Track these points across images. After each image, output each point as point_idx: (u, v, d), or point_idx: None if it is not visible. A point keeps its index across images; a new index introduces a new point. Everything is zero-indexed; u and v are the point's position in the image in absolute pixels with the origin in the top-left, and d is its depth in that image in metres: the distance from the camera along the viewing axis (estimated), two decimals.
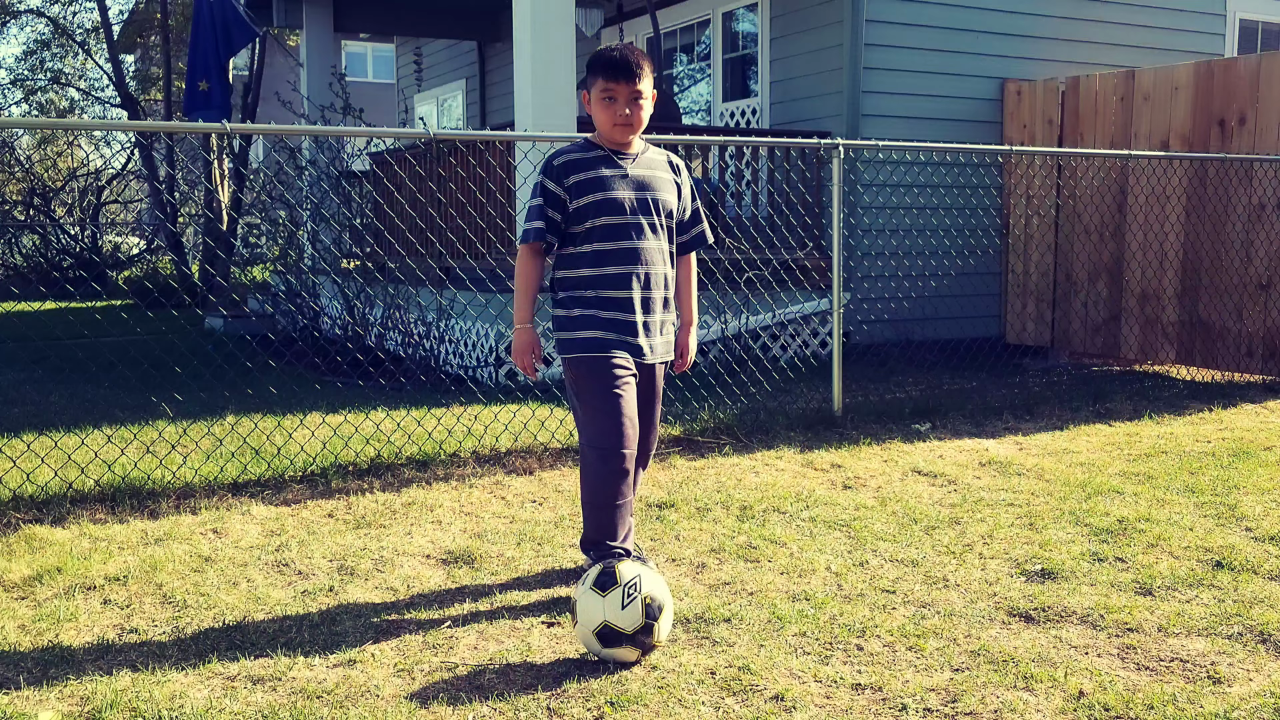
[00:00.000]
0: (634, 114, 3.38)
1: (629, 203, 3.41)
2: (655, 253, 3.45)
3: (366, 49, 30.18)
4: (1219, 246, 7.73)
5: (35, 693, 2.77)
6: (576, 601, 2.95)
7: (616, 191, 3.40)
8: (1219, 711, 2.65)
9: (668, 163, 3.56)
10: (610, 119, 3.38)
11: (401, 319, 8.29)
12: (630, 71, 3.34)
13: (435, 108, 15.94)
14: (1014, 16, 9.07)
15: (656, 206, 3.46)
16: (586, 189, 3.40)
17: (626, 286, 3.40)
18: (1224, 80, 7.60)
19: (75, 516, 4.29)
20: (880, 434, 5.86)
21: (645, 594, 2.91)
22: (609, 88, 3.36)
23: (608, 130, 3.41)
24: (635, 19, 11.25)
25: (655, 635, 2.91)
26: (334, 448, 5.22)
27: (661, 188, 3.48)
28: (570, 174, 3.40)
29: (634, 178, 3.44)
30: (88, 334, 10.23)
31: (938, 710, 2.67)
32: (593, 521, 3.38)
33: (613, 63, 3.35)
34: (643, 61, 3.37)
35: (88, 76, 23.00)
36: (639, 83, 3.36)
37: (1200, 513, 4.40)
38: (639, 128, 3.43)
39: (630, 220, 3.41)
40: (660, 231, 3.47)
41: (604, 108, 3.38)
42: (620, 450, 3.29)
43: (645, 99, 3.40)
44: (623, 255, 3.40)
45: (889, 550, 3.93)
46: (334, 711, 2.65)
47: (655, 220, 3.45)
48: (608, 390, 3.33)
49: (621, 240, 3.40)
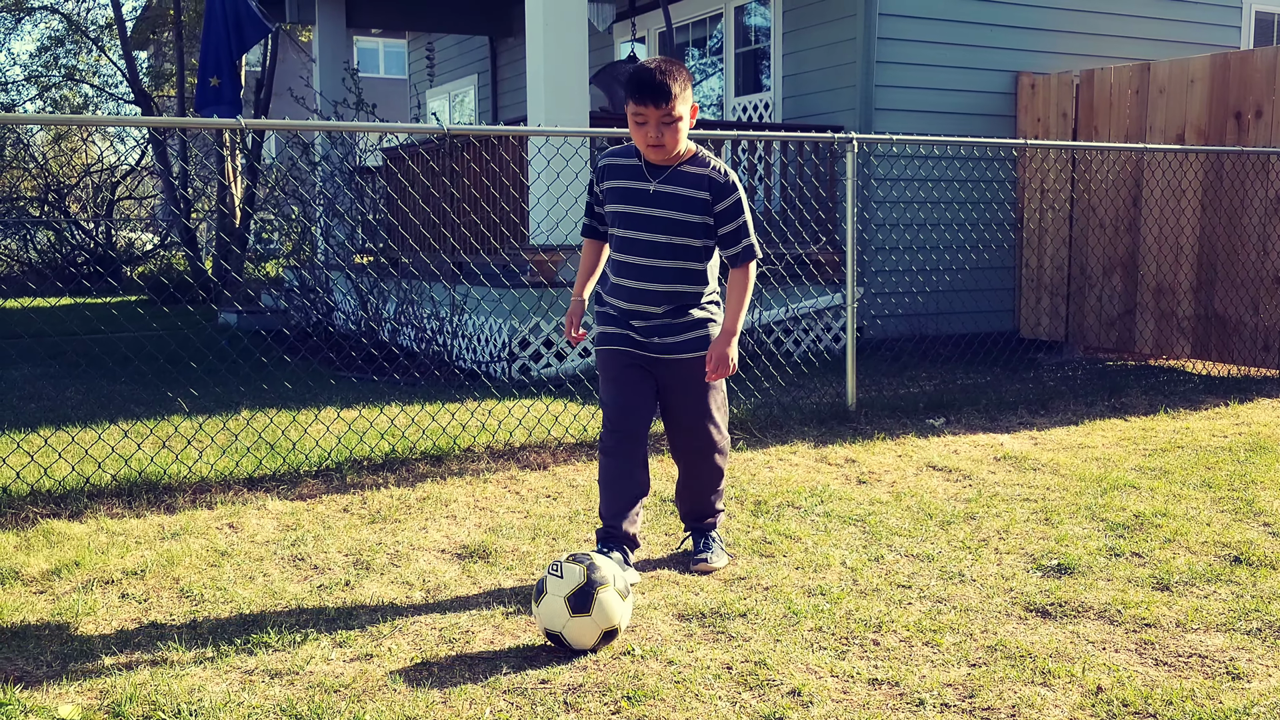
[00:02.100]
0: (665, 137, 3.30)
1: (643, 219, 3.44)
2: (664, 270, 3.45)
3: (379, 44, 30.22)
4: (1235, 240, 7.69)
5: (54, 686, 2.78)
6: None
7: (635, 207, 3.45)
8: (1238, 707, 2.64)
9: (703, 178, 3.41)
10: (642, 141, 3.35)
11: (415, 314, 8.31)
12: (658, 95, 3.24)
13: (447, 103, 15.95)
14: (1027, 9, 9.02)
15: (673, 227, 3.42)
16: (613, 197, 3.50)
17: (628, 299, 3.52)
18: (1240, 73, 7.55)
19: (92, 511, 4.31)
20: (894, 429, 5.84)
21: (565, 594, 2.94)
22: (639, 111, 3.29)
23: (642, 149, 3.40)
24: (647, 13, 11.23)
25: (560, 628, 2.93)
26: (349, 443, 5.23)
27: (685, 208, 3.41)
28: (606, 178, 3.52)
29: (658, 194, 3.42)
30: (103, 329, 10.28)
31: (954, 705, 2.67)
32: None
33: (641, 85, 3.25)
34: (675, 83, 3.25)
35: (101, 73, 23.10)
36: (672, 106, 3.26)
37: (1217, 508, 4.38)
38: (672, 149, 3.35)
39: (640, 237, 3.45)
40: (675, 250, 3.43)
41: (636, 130, 3.35)
42: (611, 431, 3.51)
43: (681, 120, 3.30)
44: (629, 269, 3.49)
45: (904, 545, 3.92)
46: (351, 705, 2.66)
47: (670, 240, 3.43)
48: (607, 379, 3.56)
49: (631, 254, 3.48)
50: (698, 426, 3.57)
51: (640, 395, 3.51)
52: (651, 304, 3.49)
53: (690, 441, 3.61)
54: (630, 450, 3.50)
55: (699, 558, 3.67)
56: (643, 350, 3.52)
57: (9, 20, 21.92)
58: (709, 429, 3.58)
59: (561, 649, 2.97)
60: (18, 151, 19.89)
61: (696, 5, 10.67)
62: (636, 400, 3.50)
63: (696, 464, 3.65)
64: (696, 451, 3.62)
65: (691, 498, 3.73)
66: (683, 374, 3.53)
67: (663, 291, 3.48)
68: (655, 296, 3.49)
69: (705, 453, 3.62)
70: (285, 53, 20.00)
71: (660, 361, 3.53)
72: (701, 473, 3.66)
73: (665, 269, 3.46)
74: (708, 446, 3.61)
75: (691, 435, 3.59)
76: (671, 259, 3.45)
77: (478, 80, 14.76)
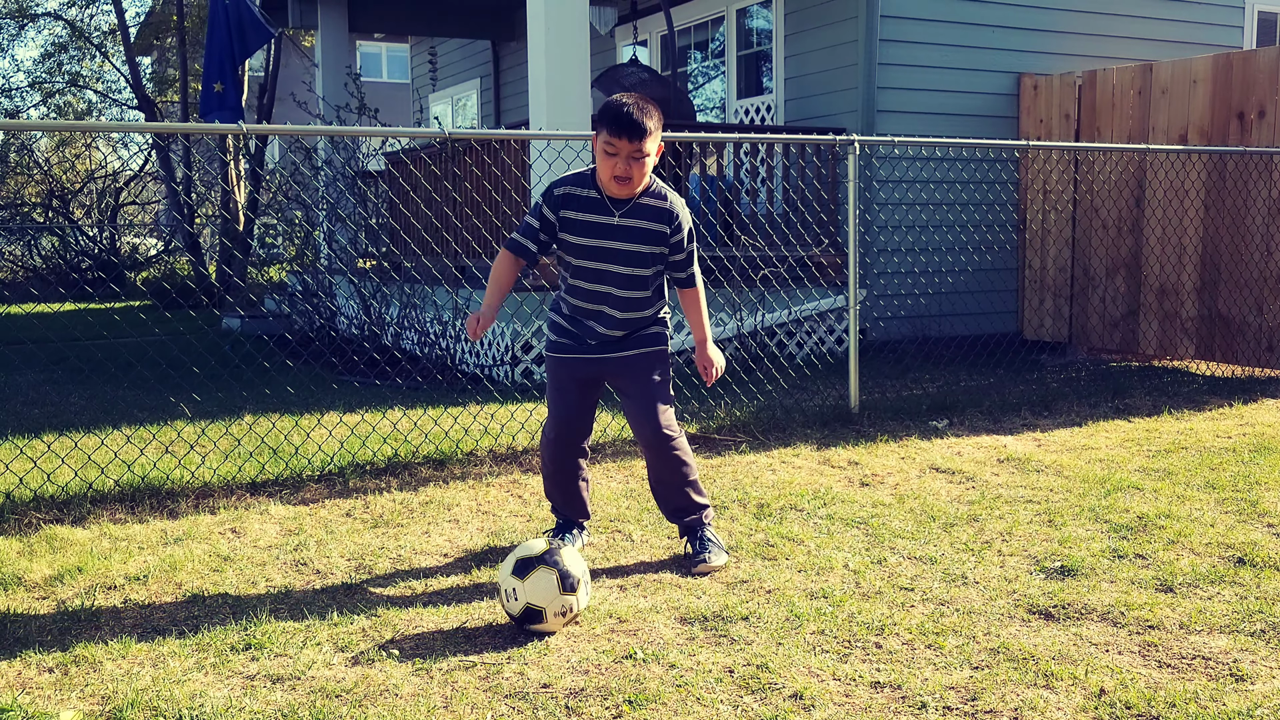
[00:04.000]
0: (632, 171, 3.41)
1: (608, 252, 3.56)
2: (621, 299, 3.62)
3: (381, 49, 30.26)
4: (1238, 240, 7.68)
5: (57, 692, 2.79)
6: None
7: (599, 240, 3.55)
8: (1241, 709, 2.63)
9: (663, 211, 3.56)
10: (609, 171, 3.43)
11: (417, 318, 8.31)
12: (634, 130, 3.34)
13: (450, 107, 15.97)
14: (1030, 10, 9.02)
15: (634, 259, 3.56)
16: (573, 228, 3.57)
17: (586, 319, 3.65)
18: (1243, 73, 7.54)
19: (95, 516, 4.32)
20: (897, 431, 5.84)
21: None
22: (612, 142, 3.38)
23: (605, 180, 3.48)
24: (649, 16, 11.24)
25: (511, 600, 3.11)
26: (351, 447, 5.23)
27: (644, 240, 3.56)
28: (565, 207, 3.56)
29: (622, 227, 3.55)
30: (106, 335, 10.29)
31: (957, 708, 2.66)
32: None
33: (618, 119, 3.34)
34: (649, 121, 3.36)
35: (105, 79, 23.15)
36: (644, 143, 3.37)
37: (1221, 509, 4.37)
38: (637, 185, 3.47)
39: (606, 269, 3.58)
40: (637, 280, 3.60)
41: (605, 159, 3.43)
42: (554, 440, 3.77)
43: (648, 157, 3.42)
44: (590, 295, 3.64)
45: (907, 548, 3.92)
46: (353, 711, 2.66)
47: (634, 271, 3.58)
48: (556, 389, 3.76)
49: (592, 282, 3.61)
50: (649, 411, 3.66)
51: (583, 409, 3.76)
52: (615, 329, 3.65)
53: (645, 427, 3.66)
54: (569, 454, 3.80)
55: (698, 559, 3.68)
56: (594, 354, 3.67)
57: (13, 26, 21.98)
58: (658, 413, 3.66)
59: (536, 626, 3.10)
60: (22, 157, 19.93)
61: (698, 8, 10.68)
62: (580, 413, 3.76)
63: (660, 451, 3.68)
64: (654, 433, 3.65)
65: (665, 490, 3.79)
66: (633, 368, 3.68)
67: (626, 319, 3.65)
68: (618, 323, 3.65)
69: (663, 438, 3.66)
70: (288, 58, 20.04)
71: (609, 361, 3.68)
72: (667, 459, 3.70)
73: (629, 298, 3.62)
74: (664, 432, 3.66)
75: (645, 421, 3.66)
76: (634, 290, 3.62)
77: (480, 84, 14.77)
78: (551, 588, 3.09)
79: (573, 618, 3.17)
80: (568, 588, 3.11)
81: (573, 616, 3.16)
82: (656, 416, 3.66)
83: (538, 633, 3.12)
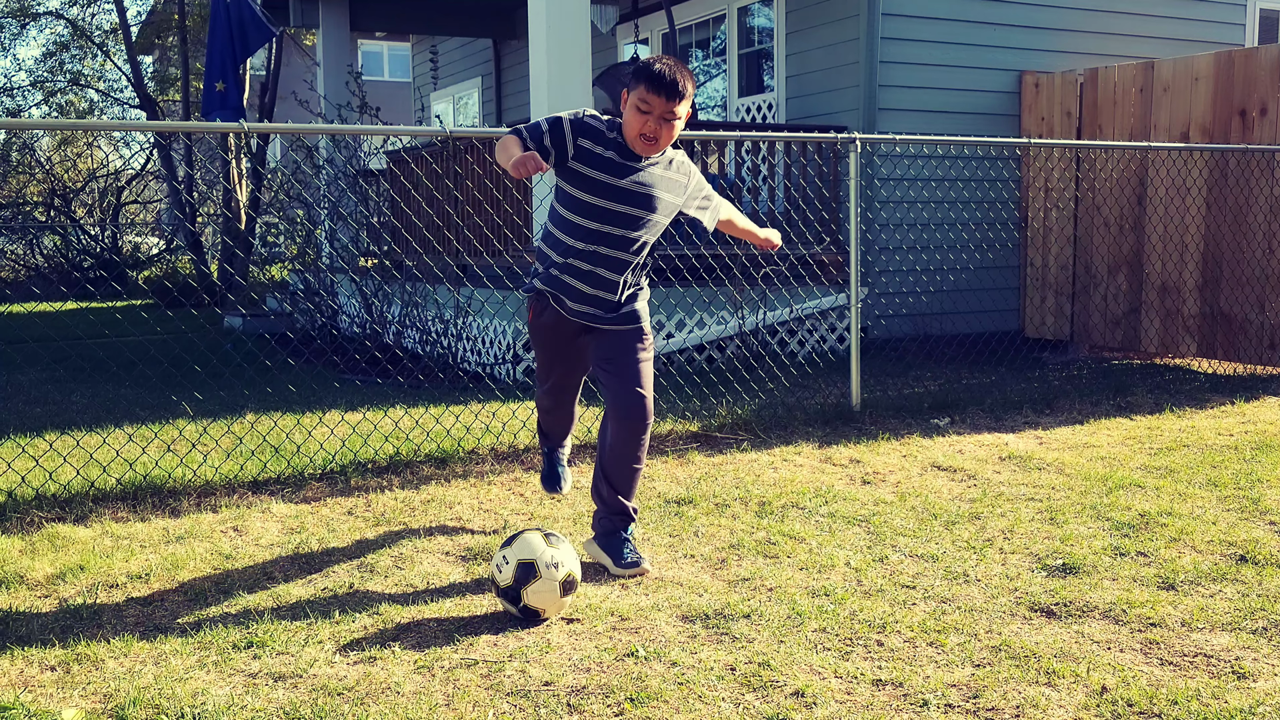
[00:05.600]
0: (661, 131, 3.40)
1: (617, 192, 3.47)
2: (620, 259, 3.55)
3: (382, 48, 30.26)
4: (1240, 238, 7.67)
5: (59, 690, 2.79)
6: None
7: (612, 178, 3.47)
8: (1243, 707, 2.63)
9: (680, 163, 3.61)
10: (638, 128, 3.39)
11: (419, 317, 8.31)
12: (671, 90, 3.35)
13: (451, 106, 15.97)
14: (1031, 8, 9.01)
15: (646, 205, 3.51)
16: (589, 160, 3.46)
17: (587, 285, 3.56)
18: (1245, 70, 7.54)
19: (97, 515, 4.32)
20: (899, 429, 5.84)
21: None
22: (647, 99, 3.36)
23: (632, 138, 3.43)
24: (650, 15, 11.23)
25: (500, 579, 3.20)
26: (353, 445, 5.23)
27: (663, 189, 3.54)
28: (587, 137, 3.46)
29: (637, 173, 3.49)
30: (108, 333, 10.30)
31: (959, 706, 2.66)
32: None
33: (659, 78, 3.34)
34: (688, 86, 3.39)
35: (106, 78, 23.13)
36: (677, 105, 3.38)
37: (1223, 506, 4.36)
38: (663, 147, 3.46)
39: (611, 207, 3.48)
40: (633, 243, 3.54)
41: (636, 115, 3.39)
42: (549, 409, 4.00)
43: (678, 120, 3.42)
44: (590, 236, 3.51)
45: (909, 545, 3.92)
46: (355, 709, 2.66)
47: (635, 232, 3.52)
48: (545, 358, 3.82)
49: (600, 223, 3.49)
50: (639, 386, 3.58)
51: (573, 376, 3.87)
52: (609, 291, 3.58)
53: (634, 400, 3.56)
54: (564, 414, 4.03)
55: (631, 563, 3.62)
56: (579, 320, 3.64)
57: (15, 26, 21.98)
58: (639, 392, 3.58)
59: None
60: (24, 156, 19.94)
61: (699, 7, 10.67)
62: (570, 381, 3.89)
63: (637, 429, 3.58)
64: (642, 410, 3.57)
65: (620, 471, 3.63)
66: (616, 342, 3.63)
67: (620, 281, 3.58)
68: (614, 286, 3.58)
69: (648, 417, 3.58)
70: (289, 57, 20.04)
71: (593, 330, 3.65)
72: (639, 441, 3.60)
73: (628, 262, 3.57)
74: (649, 412, 3.59)
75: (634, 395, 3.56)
76: (636, 251, 3.57)
77: (481, 83, 14.77)
78: (538, 542, 3.22)
79: (567, 576, 3.17)
80: (552, 541, 3.25)
81: (567, 574, 3.17)
82: (646, 396, 3.60)
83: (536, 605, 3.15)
